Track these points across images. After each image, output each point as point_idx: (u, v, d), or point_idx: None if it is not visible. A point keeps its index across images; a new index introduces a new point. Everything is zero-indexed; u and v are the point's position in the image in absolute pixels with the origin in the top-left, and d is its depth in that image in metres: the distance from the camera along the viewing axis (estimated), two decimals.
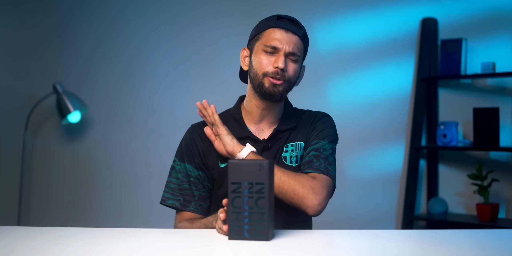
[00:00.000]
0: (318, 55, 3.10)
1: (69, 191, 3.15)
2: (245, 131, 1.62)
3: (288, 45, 1.54)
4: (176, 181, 1.64)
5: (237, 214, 1.27)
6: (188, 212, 1.64)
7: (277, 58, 1.54)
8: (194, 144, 1.64)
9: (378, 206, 3.14)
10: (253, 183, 1.27)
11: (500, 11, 3.03)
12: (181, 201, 1.63)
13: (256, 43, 1.59)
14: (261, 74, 1.56)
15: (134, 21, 3.17)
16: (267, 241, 1.27)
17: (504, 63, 2.95)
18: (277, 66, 1.53)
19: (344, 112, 3.09)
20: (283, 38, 1.54)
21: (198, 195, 1.63)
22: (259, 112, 1.63)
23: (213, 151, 1.62)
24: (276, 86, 1.55)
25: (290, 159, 1.62)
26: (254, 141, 1.61)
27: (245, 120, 1.65)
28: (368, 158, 3.12)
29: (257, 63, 1.57)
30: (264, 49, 1.55)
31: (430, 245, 1.28)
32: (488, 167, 2.94)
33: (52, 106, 3.11)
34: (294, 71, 1.57)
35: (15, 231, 1.50)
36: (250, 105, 1.64)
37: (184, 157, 1.64)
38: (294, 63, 1.57)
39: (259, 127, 1.64)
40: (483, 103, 2.99)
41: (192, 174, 1.63)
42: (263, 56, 1.55)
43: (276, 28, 1.55)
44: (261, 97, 1.58)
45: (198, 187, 1.63)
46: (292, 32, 1.55)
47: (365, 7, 3.14)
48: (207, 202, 1.65)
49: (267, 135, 1.63)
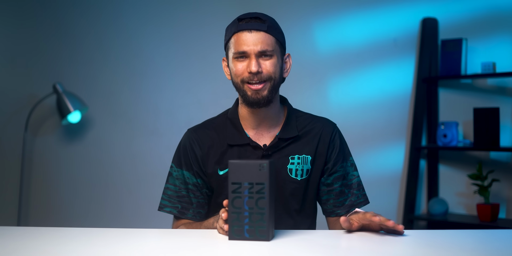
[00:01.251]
0: (318, 55, 3.10)
1: (69, 191, 3.15)
2: (244, 138, 1.58)
3: (255, 45, 1.49)
4: (174, 188, 1.61)
5: (237, 214, 1.27)
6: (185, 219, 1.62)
7: (248, 62, 1.50)
8: (191, 151, 1.60)
9: (378, 206, 3.11)
10: (254, 183, 1.27)
11: (500, 11, 3.03)
12: (179, 208, 1.60)
13: (228, 52, 1.56)
14: (240, 81, 1.53)
15: (135, 21, 3.17)
16: (267, 242, 1.27)
17: (504, 63, 2.95)
18: (250, 70, 1.49)
19: (344, 112, 3.09)
20: (248, 40, 1.49)
21: (196, 202, 1.60)
22: (254, 118, 1.59)
23: (211, 158, 1.59)
24: (258, 92, 1.51)
25: (296, 172, 1.59)
26: (254, 147, 1.58)
27: (243, 125, 1.60)
28: (368, 158, 3.12)
29: (233, 72, 1.54)
30: (235, 56, 1.52)
31: (430, 246, 1.28)
32: (489, 167, 2.94)
33: (52, 106, 3.11)
34: (272, 67, 1.51)
35: (15, 231, 1.50)
36: (243, 112, 1.60)
37: (182, 164, 1.61)
38: (270, 59, 1.51)
39: (258, 132, 1.60)
40: (484, 103, 2.99)
41: (190, 182, 1.60)
42: (237, 63, 1.52)
43: (239, 32, 1.51)
44: (249, 106, 1.55)
45: (196, 194, 1.60)
46: (255, 30, 1.50)
47: (365, 7, 3.14)
48: (205, 208, 1.62)
49: (267, 140, 1.59)
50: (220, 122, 1.64)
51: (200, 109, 3.11)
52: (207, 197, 1.62)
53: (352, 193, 1.63)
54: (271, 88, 1.53)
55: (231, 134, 1.59)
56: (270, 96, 1.53)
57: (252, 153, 1.57)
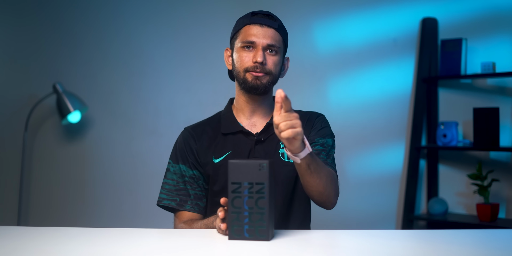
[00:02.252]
0: (318, 55, 3.10)
1: (69, 191, 3.15)
2: (237, 126, 1.65)
3: (265, 38, 1.58)
4: (172, 182, 1.66)
5: (237, 214, 1.27)
6: (186, 212, 1.64)
7: (255, 53, 1.58)
8: (187, 145, 1.67)
9: (378, 206, 3.13)
10: (253, 183, 1.27)
11: (500, 11, 3.03)
12: (177, 201, 1.64)
13: (235, 42, 1.64)
14: (243, 70, 1.60)
15: (135, 21, 3.16)
16: (267, 241, 1.27)
17: (504, 63, 2.95)
18: (256, 60, 1.57)
19: (344, 112, 3.09)
20: (259, 32, 1.58)
21: (194, 194, 1.65)
22: (249, 107, 1.66)
23: (206, 148, 1.65)
24: (258, 78, 1.59)
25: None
26: (246, 134, 1.64)
27: (237, 117, 1.68)
28: (368, 158, 3.12)
29: (237, 61, 1.61)
30: (242, 45, 1.60)
31: (430, 245, 1.28)
32: (488, 167, 2.94)
33: (52, 106, 3.11)
34: (274, 63, 1.60)
35: (15, 231, 1.50)
36: (240, 102, 1.68)
37: (178, 159, 1.67)
38: (274, 55, 1.60)
39: (251, 122, 1.67)
40: (483, 103, 2.99)
41: (186, 174, 1.65)
42: (243, 53, 1.60)
43: (251, 25, 1.60)
44: (247, 92, 1.62)
45: (193, 186, 1.65)
46: (267, 26, 1.59)
47: (365, 7, 3.14)
48: (203, 201, 1.67)
49: (259, 129, 1.66)
50: (214, 118, 1.73)
51: (200, 109, 3.11)
52: (204, 190, 1.67)
53: (327, 155, 1.62)
54: (269, 80, 1.61)
55: (225, 124, 1.67)
56: (268, 86, 1.62)
57: (244, 140, 1.64)
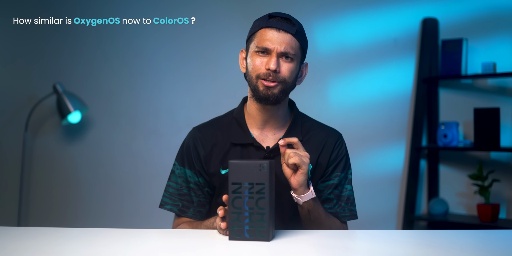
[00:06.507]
0: (318, 55, 3.10)
1: (69, 191, 3.15)
2: (248, 137, 1.58)
3: (280, 44, 1.49)
4: (175, 185, 1.61)
5: (237, 214, 1.27)
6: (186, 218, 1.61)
7: (269, 59, 1.49)
8: (194, 150, 1.60)
9: (379, 206, 3.13)
10: (254, 184, 1.27)
11: (501, 11, 3.03)
12: (179, 206, 1.60)
13: (250, 45, 1.55)
14: (255, 76, 1.51)
15: (135, 21, 3.16)
16: (268, 242, 1.27)
17: (505, 63, 2.95)
18: (269, 67, 1.48)
19: (344, 112, 3.09)
20: (274, 38, 1.49)
21: (197, 201, 1.60)
22: (261, 116, 1.58)
23: (214, 157, 1.59)
24: (269, 89, 1.50)
25: None
26: (256, 148, 1.57)
27: (248, 125, 1.60)
28: (368, 158, 3.11)
29: (251, 65, 1.52)
30: (256, 50, 1.51)
31: (430, 246, 1.28)
32: (489, 167, 2.93)
33: (52, 106, 3.11)
34: (289, 71, 1.51)
35: (15, 231, 1.50)
36: (252, 109, 1.59)
37: (184, 162, 1.61)
38: (289, 62, 1.51)
39: (263, 133, 1.60)
40: (484, 103, 2.99)
41: (191, 180, 1.60)
42: (256, 58, 1.51)
43: (267, 28, 1.51)
44: (258, 101, 1.54)
45: (197, 193, 1.60)
46: (284, 31, 1.50)
47: (365, 7, 3.14)
48: (206, 208, 1.62)
49: (271, 142, 1.59)
50: (225, 121, 1.63)
51: (200, 109, 3.11)
52: (208, 196, 1.62)
53: (340, 204, 1.60)
54: (282, 89, 1.52)
55: (236, 133, 1.59)
56: (280, 96, 1.52)
57: (254, 153, 1.57)
